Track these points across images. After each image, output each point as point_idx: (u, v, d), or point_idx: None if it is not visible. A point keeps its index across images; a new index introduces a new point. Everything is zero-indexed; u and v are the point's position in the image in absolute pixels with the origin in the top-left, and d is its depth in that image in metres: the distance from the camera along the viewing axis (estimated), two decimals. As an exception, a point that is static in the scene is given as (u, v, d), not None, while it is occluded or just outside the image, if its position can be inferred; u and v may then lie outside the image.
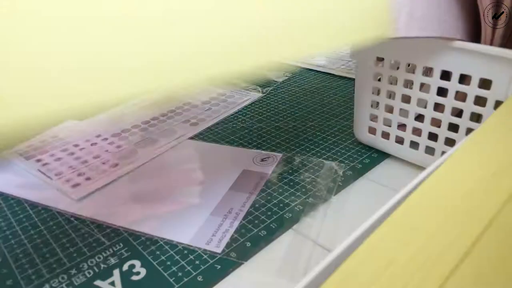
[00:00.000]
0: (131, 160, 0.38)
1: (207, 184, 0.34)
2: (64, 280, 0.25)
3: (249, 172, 0.35)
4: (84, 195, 0.33)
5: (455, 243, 0.14)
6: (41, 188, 0.34)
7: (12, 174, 0.37)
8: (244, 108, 0.48)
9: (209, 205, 0.31)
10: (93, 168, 0.37)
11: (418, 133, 0.34)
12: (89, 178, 0.35)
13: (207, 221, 0.29)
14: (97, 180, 0.35)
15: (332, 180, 0.34)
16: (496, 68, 0.27)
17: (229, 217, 0.30)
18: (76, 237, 0.29)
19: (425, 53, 0.30)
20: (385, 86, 0.34)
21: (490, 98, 0.28)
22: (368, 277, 0.12)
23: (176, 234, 0.28)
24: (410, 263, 0.13)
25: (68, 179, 0.35)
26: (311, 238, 0.28)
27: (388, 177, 0.35)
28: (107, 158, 0.38)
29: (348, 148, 0.39)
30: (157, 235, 0.28)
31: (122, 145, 0.41)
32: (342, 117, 0.45)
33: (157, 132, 0.43)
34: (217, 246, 0.27)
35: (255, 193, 0.32)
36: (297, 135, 0.41)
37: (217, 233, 0.28)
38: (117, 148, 0.40)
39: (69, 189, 0.34)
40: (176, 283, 0.25)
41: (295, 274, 0.25)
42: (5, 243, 0.28)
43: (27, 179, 0.36)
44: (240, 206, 0.31)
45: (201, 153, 0.39)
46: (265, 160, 0.37)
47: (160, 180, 0.35)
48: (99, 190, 0.34)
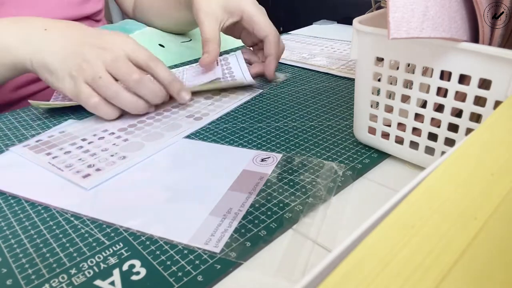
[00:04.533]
0: (139, 153, 0.39)
1: (207, 184, 0.34)
2: (64, 280, 0.25)
3: (249, 172, 0.35)
4: (95, 185, 0.34)
5: (453, 243, 0.14)
6: (51, 183, 0.35)
7: (22, 168, 0.37)
8: (244, 107, 0.48)
9: (208, 205, 0.31)
10: (102, 160, 0.38)
11: (418, 133, 0.34)
12: (99, 169, 0.36)
13: (206, 221, 0.29)
14: (107, 171, 0.36)
15: (332, 180, 0.34)
16: (495, 68, 0.27)
17: (228, 217, 0.30)
18: (76, 237, 0.29)
19: (425, 53, 0.30)
20: (384, 86, 0.34)
21: (490, 98, 0.29)
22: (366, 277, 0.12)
23: (174, 233, 0.28)
24: (408, 263, 0.13)
25: (79, 170, 0.36)
26: (310, 238, 0.28)
27: (388, 177, 0.35)
28: (115, 151, 0.39)
29: (348, 148, 0.39)
30: (155, 234, 0.28)
31: (129, 139, 0.41)
32: (342, 117, 0.45)
33: (162, 126, 0.44)
34: (216, 246, 0.27)
35: (254, 193, 0.32)
36: (297, 135, 0.41)
37: (216, 233, 0.28)
38: (125, 141, 0.41)
39: (80, 179, 0.35)
40: (176, 283, 0.25)
41: (294, 274, 0.25)
42: (5, 243, 0.28)
43: (38, 173, 0.36)
44: (239, 206, 0.31)
45: (201, 153, 0.39)
46: (265, 160, 0.37)
47: (163, 178, 0.35)
48: (109, 181, 0.35)
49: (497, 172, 0.17)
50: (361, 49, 0.34)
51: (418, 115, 0.33)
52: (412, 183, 0.17)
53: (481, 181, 0.17)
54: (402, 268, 0.13)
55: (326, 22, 0.92)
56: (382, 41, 0.32)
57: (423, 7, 0.27)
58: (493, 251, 0.13)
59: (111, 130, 0.44)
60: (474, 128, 0.22)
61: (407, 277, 0.12)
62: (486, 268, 0.13)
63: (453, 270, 0.13)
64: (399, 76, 0.33)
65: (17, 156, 0.39)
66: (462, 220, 0.15)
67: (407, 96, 0.33)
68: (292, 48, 0.72)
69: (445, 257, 0.13)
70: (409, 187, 0.17)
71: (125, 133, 0.43)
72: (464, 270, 0.13)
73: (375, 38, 0.33)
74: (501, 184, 0.17)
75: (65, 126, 0.45)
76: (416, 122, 0.33)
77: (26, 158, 0.38)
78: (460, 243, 0.14)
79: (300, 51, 0.69)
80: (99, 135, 0.42)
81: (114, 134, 0.43)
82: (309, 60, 0.65)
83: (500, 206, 0.15)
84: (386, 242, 0.14)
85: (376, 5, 0.46)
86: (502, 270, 0.13)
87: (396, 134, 0.35)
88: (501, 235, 0.14)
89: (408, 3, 0.27)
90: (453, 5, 0.29)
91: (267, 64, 0.55)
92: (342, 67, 0.61)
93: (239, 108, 0.48)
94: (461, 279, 0.12)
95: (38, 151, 0.40)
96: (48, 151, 0.40)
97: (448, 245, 0.14)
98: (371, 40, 0.33)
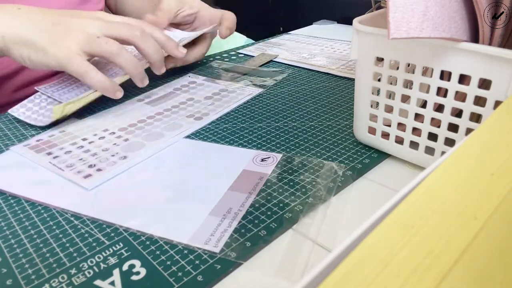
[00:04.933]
0: (139, 153, 0.39)
1: (207, 184, 0.34)
2: (64, 280, 0.25)
3: (249, 172, 0.35)
4: (96, 185, 0.34)
5: (453, 243, 0.14)
6: (52, 183, 0.35)
7: (23, 168, 0.37)
8: (244, 107, 0.48)
9: (208, 205, 0.31)
10: (103, 160, 0.38)
11: (418, 133, 0.34)
12: (100, 169, 0.36)
13: (206, 221, 0.29)
14: (108, 171, 0.36)
15: (332, 180, 0.34)
16: (495, 68, 0.27)
17: (228, 217, 0.30)
18: (76, 237, 0.29)
19: (425, 53, 0.30)
20: (384, 86, 0.34)
21: (490, 98, 0.29)
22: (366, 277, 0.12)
23: (174, 233, 0.28)
24: (408, 263, 0.13)
25: (80, 171, 0.36)
26: (310, 238, 0.28)
27: (388, 177, 0.35)
28: (116, 150, 0.39)
29: (348, 148, 0.39)
30: (155, 234, 0.28)
31: (130, 139, 0.42)
32: (342, 117, 0.45)
33: (163, 126, 0.44)
34: (215, 246, 0.27)
35: (254, 193, 0.32)
36: (297, 135, 0.41)
37: (216, 233, 0.28)
38: (125, 141, 0.41)
39: (81, 180, 0.35)
40: (176, 283, 0.25)
41: (294, 274, 0.25)
42: (5, 243, 0.28)
43: (39, 173, 0.36)
44: (239, 206, 0.31)
45: (201, 153, 0.39)
46: (265, 160, 0.37)
47: (163, 178, 0.35)
48: (110, 181, 0.35)
49: (497, 172, 0.17)
50: (361, 49, 0.34)
51: (418, 115, 0.33)
52: (412, 183, 0.17)
53: (481, 181, 0.17)
54: (402, 268, 0.13)
55: (326, 22, 0.92)
56: (382, 41, 0.32)
57: (423, 7, 0.27)
58: (493, 251, 0.13)
59: (111, 129, 0.44)
60: (474, 128, 0.22)
61: (407, 277, 0.12)
62: (486, 268, 0.13)
63: (453, 270, 0.13)
64: (399, 76, 0.33)
65: (18, 155, 0.39)
66: (462, 220, 0.15)
67: (407, 96, 0.33)
68: (292, 48, 0.72)
69: (445, 257, 0.13)
70: (409, 187, 0.17)
71: (126, 132, 0.43)
72: (464, 270, 0.13)
73: (375, 38, 0.33)
74: (501, 184, 0.17)
75: (65, 125, 0.45)
76: (416, 122, 0.33)
77: (26, 158, 0.38)
78: (460, 243, 0.14)
79: (300, 51, 0.69)
80: (99, 135, 0.42)
81: (115, 134, 0.43)
82: (309, 60, 0.65)
83: (500, 206, 0.15)
84: (386, 242, 0.14)
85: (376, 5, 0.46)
86: (502, 270, 0.13)
87: (396, 134, 0.35)
88: (501, 235, 0.14)
89: (408, 3, 0.27)
90: (453, 5, 0.29)
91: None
92: (342, 67, 0.61)
93: (239, 108, 0.48)
94: (461, 279, 0.12)
95: (38, 150, 0.40)
96: (48, 150, 0.40)
97: (448, 245, 0.14)
98: (371, 40, 0.33)
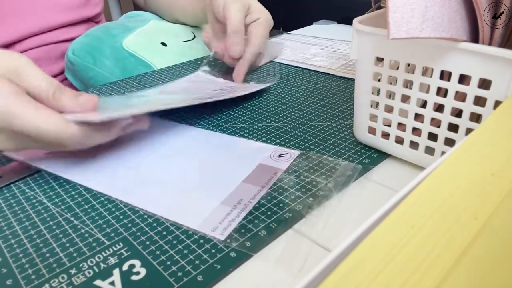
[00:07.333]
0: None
1: (223, 174, 0.35)
2: (64, 280, 0.25)
3: (264, 166, 0.36)
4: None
5: (453, 243, 0.14)
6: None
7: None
8: (244, 107, 0.48)
9: (221, 194, 0.32)
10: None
11: (417, 133, 0.34)
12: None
13: (217, 209, 0.30)
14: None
15: (333, 179, 0.34)
16: (495, 68, 0.27)
17: (238, 207, 0.31)
18: (76, 237, 0.29)
19: (424, 53, 0.30)
20: (384, 86, 0.34)
21: (490, 98, 0.29)
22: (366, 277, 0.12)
23: (185, 219, 0.30)
24: (408, 263, 0.13)
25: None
26: (311, 237, 0.28)
27: (388, 177, 0.35)
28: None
29: (348, 148, 0.39)
30: (167, 218, 0.30)
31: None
32: (342, 117, 0.45)
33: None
34: (222, 234, 0.28)
35: (267, 187, 0.33)
36: (297, 135, 0.41)
37: (224, 221, 0.29)
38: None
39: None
40: (176, 283, 0.25)
41: (294, 274, 0.25)
42: (5, 243, 0.28)
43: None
44: (250, 198, 0.32)
45: (221, 144, 0.40)
46: (283, 156, 0.37)
47: (183, 167, 0.36)
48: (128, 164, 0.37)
49: (497, 172, 0.17)
50: (361, 49, 0.34)
51: (418, 115, 0.33)
52: (412, 183, 0.17)
53: (481, 181, 0.17)
54: (402, 268, 0.13)
55: (326, 22, 0.92)
56: (382, 41, 0.32)
57: (423, 7, 0.27)
58: (493, 251, 0.13)
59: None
60: (474, 128, 0.22)
61: (407, 277, 0.12)
62: (486, 268, 0.13)
63: (453, 270, 0.13)
64: (399, 76, 0.33)
65: None
66: (462, 220, 0.15)
67: (407, 96, 0.33)
68: (292, 48, 0.72)
69: (445, 257, 0.13)
70: (409, 187, 0.17)
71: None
72: (464, 270, 0.13)
73: (375, 38, 0.33)
74: (501, 184, 0.17)
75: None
76: (416, 122, 0.33)
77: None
78: (460, 243, 0.14)
79: (300, 51, 0.69)
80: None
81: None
82: (309, 60, 0.65)
83: (500, 206, 0.15)
84: (386, 242, 0.14)
85: (376, 5, 0.46)
86: (502, 270, 0.13)
87: (396, 134, 0.35)
88: (501, 235, 0.14)
89: (408, 3, 0.27)
90: (453, 5, 0.29)
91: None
92: (342, 67, 0.61)
93: (239, 108, 0.48)
94: (461, 279, 0.12)
95: None
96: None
97: (448, 245, 0.14)
98: (371, 40, 0.33)
